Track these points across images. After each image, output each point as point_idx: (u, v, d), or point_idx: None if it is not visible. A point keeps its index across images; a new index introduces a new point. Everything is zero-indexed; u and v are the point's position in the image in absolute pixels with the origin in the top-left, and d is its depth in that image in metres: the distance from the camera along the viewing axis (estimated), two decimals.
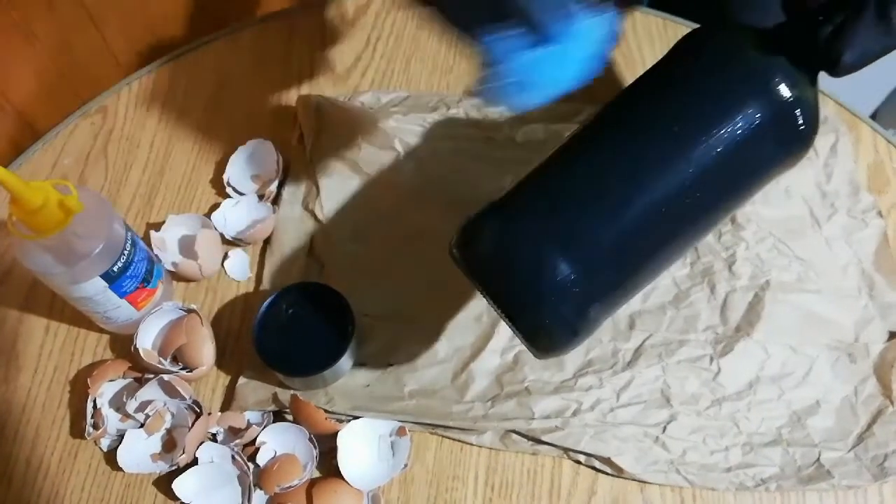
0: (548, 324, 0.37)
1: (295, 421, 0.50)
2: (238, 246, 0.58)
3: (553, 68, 0.34)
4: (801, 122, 0.39)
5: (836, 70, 0.37)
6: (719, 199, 0.40)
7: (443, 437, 0.51)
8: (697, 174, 0.37)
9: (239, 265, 0.57)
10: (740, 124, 0.37)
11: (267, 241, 0.58)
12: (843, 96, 0.65)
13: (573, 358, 0.53)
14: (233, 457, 0.48)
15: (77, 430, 0.51)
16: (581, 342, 0.38)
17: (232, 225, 0.57)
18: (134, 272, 0.49)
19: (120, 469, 0.49)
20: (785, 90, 0.38)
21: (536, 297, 0.36)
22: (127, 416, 0.50)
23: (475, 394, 0.51)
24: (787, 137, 0.39)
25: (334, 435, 0.48)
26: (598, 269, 0.37)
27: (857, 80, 0.42)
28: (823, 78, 0.40)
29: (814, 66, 0.39)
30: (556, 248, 0.36)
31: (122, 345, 0.54)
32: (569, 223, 0.37)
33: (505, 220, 0.38)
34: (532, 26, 0.33)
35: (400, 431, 0.50)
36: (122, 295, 0.49)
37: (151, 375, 0.51)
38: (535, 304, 0.36)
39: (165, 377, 0.50)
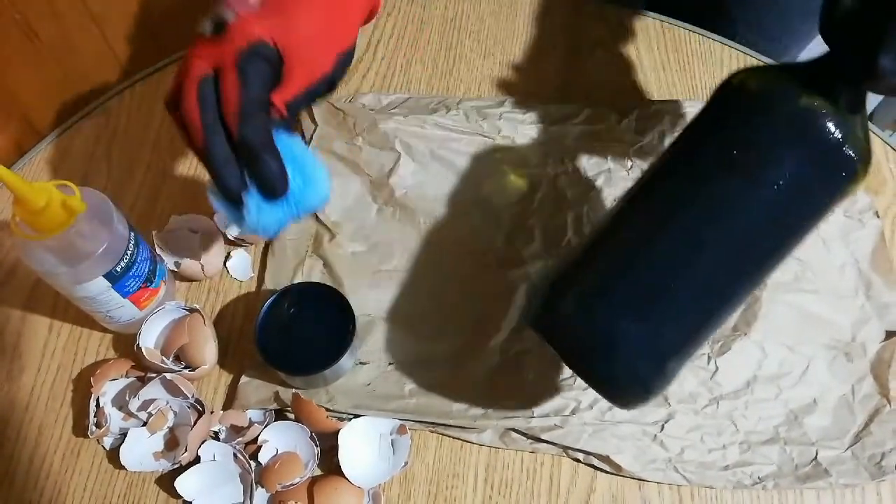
0: (627, 389, 0.40)
1: (296, 419, 0.50)
2: (240, 246, 0.58)
3: (282, 213, 0.42)
4: (851, 155, 0.38)
5: (877, 79, 0.37)
6: (779, 247, 0.41)
7: (443, 435, 0.51)
8: (755, 229, 0.39)
9: (241, 265, 0.58)
10: (791, 174, 0.38)
11: (269, 242, 0.58)
12: None
13: None
14: (235, 455, 0.49)
15: (80, 429, 0.52)
16: (660, 394, 0.41)
17: (234, 225, 0.58)
18: (137, 272, 0.49)
19: (122, 467, 0.49)
20: (828, 133, 0.38)
21: (616, 369, 0.39)
22: (129, 414, 0.50)
23: (475, 392, 0.52)
24: (840, 176, 0.39)
25: (335, 433, 0.49)
26: (670, 332, 0.40)
27: None
28: None
29: (855, 82, 0.38)
30: (632, 319, 0.39)
31: (125, 344, 0.54)
32: (640, 294, 0.39)
33: (580, 298, 0.41)
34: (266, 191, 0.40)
35: (400, 430, 0.50)
36: (124, 294, 0.49)
37: (154, 374, 0.51)
38: (616, 377, 0.40)
39: (168, 376, 0.50)
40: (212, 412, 0.50)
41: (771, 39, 0.72)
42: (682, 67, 0.68)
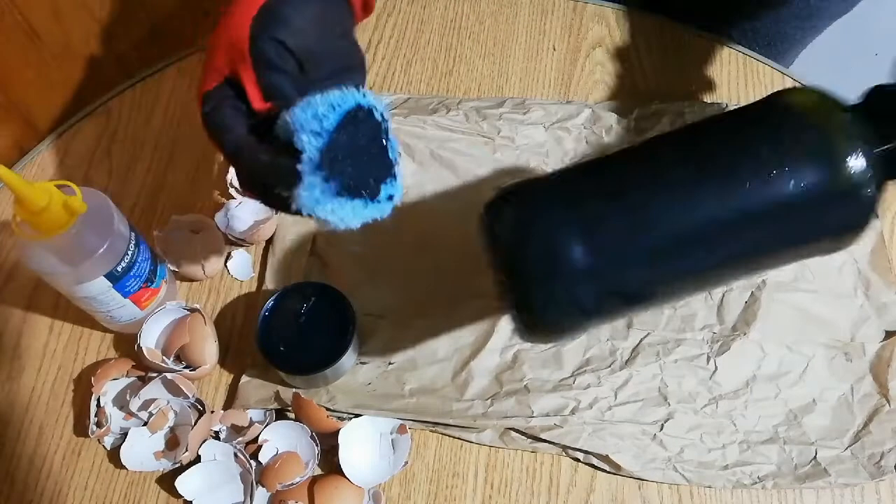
0: (551, 301, 0.37)
1: (297, 419, 0.50)
2: (241, 246, 0.59)
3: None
4: (859, 206, 0.36)
5: None
6: (752, 248, 0.38)
7: (443, 434, 0.51)
8: (738, 214, 0.36)
9: (241, 265, 0.58)
10: (796, 180, 0.36)
11: (269, 242, 0.58)
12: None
13: (571, 357, 0.53)
14: (235, 454, 0.49)
15: (81, 429, 0.52)
16: (573, 331, 0.39)
17: (235, 225, 0.58)
18: (138, 272, 0.49)
19: (123, 467, 0.49)
20: (856, 166, 0.35)
21: (547, 272, 0.36)
22: (130, 414, 0.50)
23: (475, 392, 0.52)
24: (839, 218, 0.37)
25: (336, 433, 0.49)
26: (614, 266, 0.37)
27: (853, 82, 0.41)
28: (813, 73, 0.38)
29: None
30: (579, 234, 0.36)
31: (126, 344, 0.54)
32: (599, 217, 0.37)
33: (535, 198, 0.38)
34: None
35: (401, 429, 0.50)
36: (125, 294, 0.49)
37: (155, 374, 0.51)
38: (543, 280, 0.36)
39: (169, 376, 0.50)
40: (212, 412, 0.50)
41: (765, 45, 0.72)
42: (681, 67, 0.68)
